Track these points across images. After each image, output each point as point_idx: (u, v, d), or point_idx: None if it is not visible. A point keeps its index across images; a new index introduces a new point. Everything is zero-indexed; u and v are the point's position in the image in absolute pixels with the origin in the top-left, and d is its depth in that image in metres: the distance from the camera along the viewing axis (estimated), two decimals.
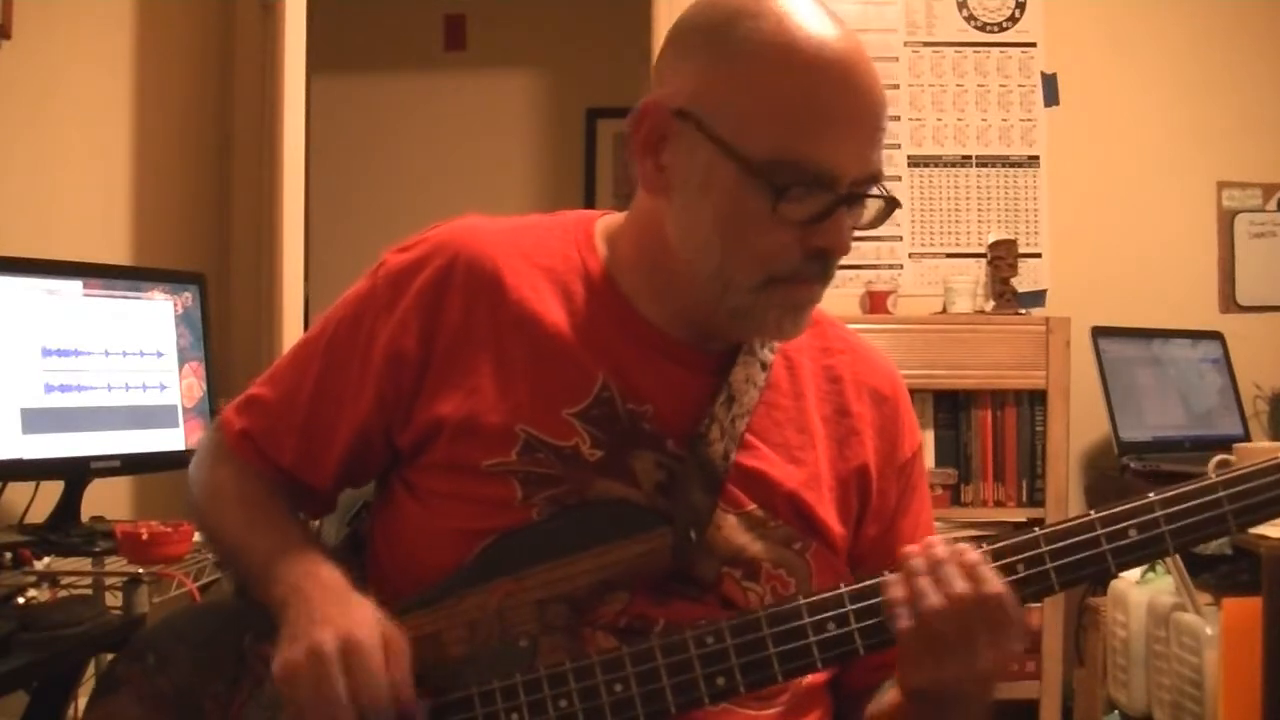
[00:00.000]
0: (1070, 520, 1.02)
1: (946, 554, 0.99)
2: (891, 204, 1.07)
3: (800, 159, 0.99)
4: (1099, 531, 1.00)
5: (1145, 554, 1.01)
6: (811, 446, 1.14)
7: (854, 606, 1.01)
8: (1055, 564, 1.00)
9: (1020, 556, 1.01)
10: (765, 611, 1.02)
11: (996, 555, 1.00)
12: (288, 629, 1.02)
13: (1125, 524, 1.00)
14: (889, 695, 1.14)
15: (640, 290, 1.11)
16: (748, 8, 1.02)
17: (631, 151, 1.07)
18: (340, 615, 1.01)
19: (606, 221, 1.17)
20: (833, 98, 1.00)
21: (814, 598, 1.02)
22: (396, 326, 1.10)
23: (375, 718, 0.97)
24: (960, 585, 0.96)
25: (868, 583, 1.02)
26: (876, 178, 1.05)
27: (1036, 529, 1.02)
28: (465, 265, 1.11)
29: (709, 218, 1.03)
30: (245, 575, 1.12)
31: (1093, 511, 1.01)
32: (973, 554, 0.99)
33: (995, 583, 0.97)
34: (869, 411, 1.18)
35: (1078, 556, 1.00)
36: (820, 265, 1.03)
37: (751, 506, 1.09)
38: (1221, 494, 1.00)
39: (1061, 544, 1.00)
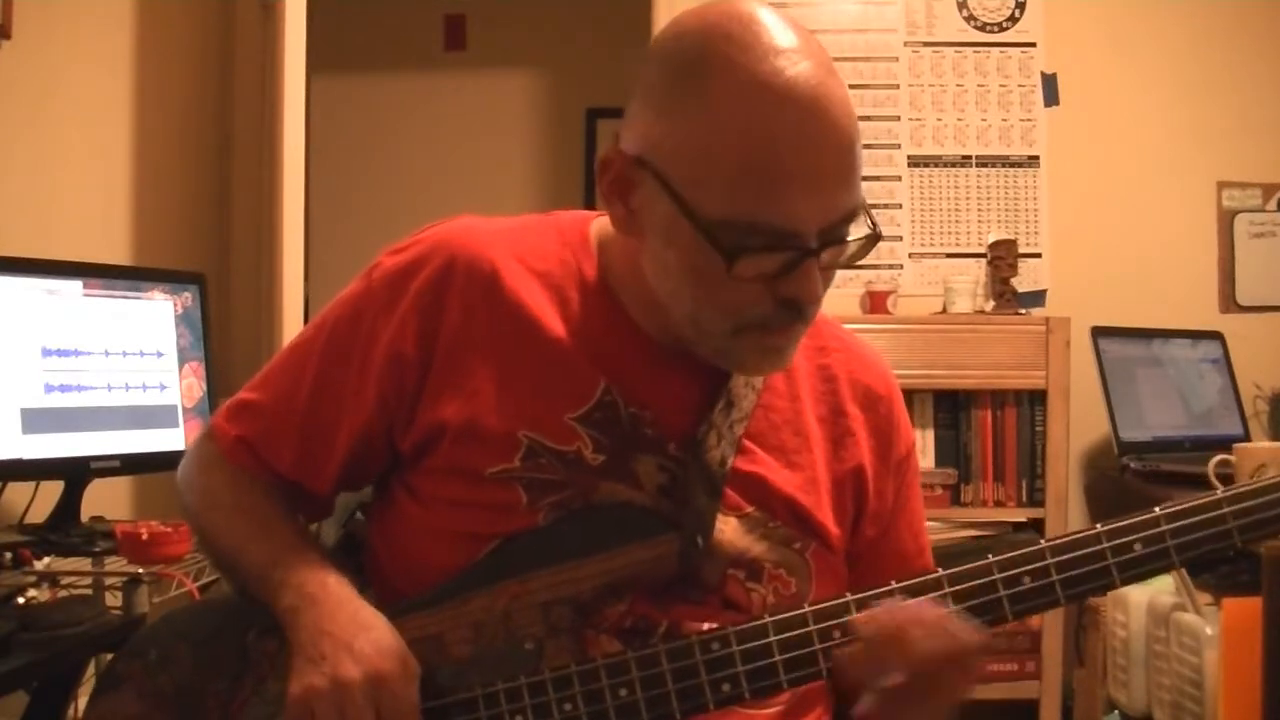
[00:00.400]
0: (1076, 533, 1.02)
1: (905, 618, 0.98)
2: (872, 239, 1.03)
3: (755, 220, 0.95)
4: (1105, 545, 1.01)
5: (1151, 568, 1.02)
6: (808, 449, 1.14)
7: (860, 615, 1.01)
8: (1061, 576, 1.01)
9: (1026, 568, 1.01)
10: (771, 618, 1.02)
11: (1001, 567, 1.01)
12: (303, 648, 1.02)
13: (1131, 538, 1.01)
14: None
15: (634, 298, 1.11)
16: (705, 51, 0.97)
17: (601, 196, 1.05)
18: (362, 641, 1.00)
19: (601, 224, 1.16)
20: (787, 154, 0.94)
21: (819, 605, 1.02)
22: (396, 328, 1.10)
23: None
24: (928, 646, 0.97)
25: (872, 592, 1.02)
26: (850, 217, 0.99)
27: (1042, 540, 1.03)
28: (464, 266, 1.10)
29: (675, 269, 1.01)
30: (246, 581, 1.12)
31: (1099, 525, 1.02)
32: (931, 610, 0.99)
33: (965, 633, 0.98)
34: (863, 412, 1.18)
35: (1083, 570, 1.01)
36: (793, 312, 1.01)
37: (750, 509, 1.09)
38: (1226, 510, 1.01)
39: (1067, 556, 1.01)
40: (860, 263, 1.10)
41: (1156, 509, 1.01)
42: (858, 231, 1.02)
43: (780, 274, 0.98)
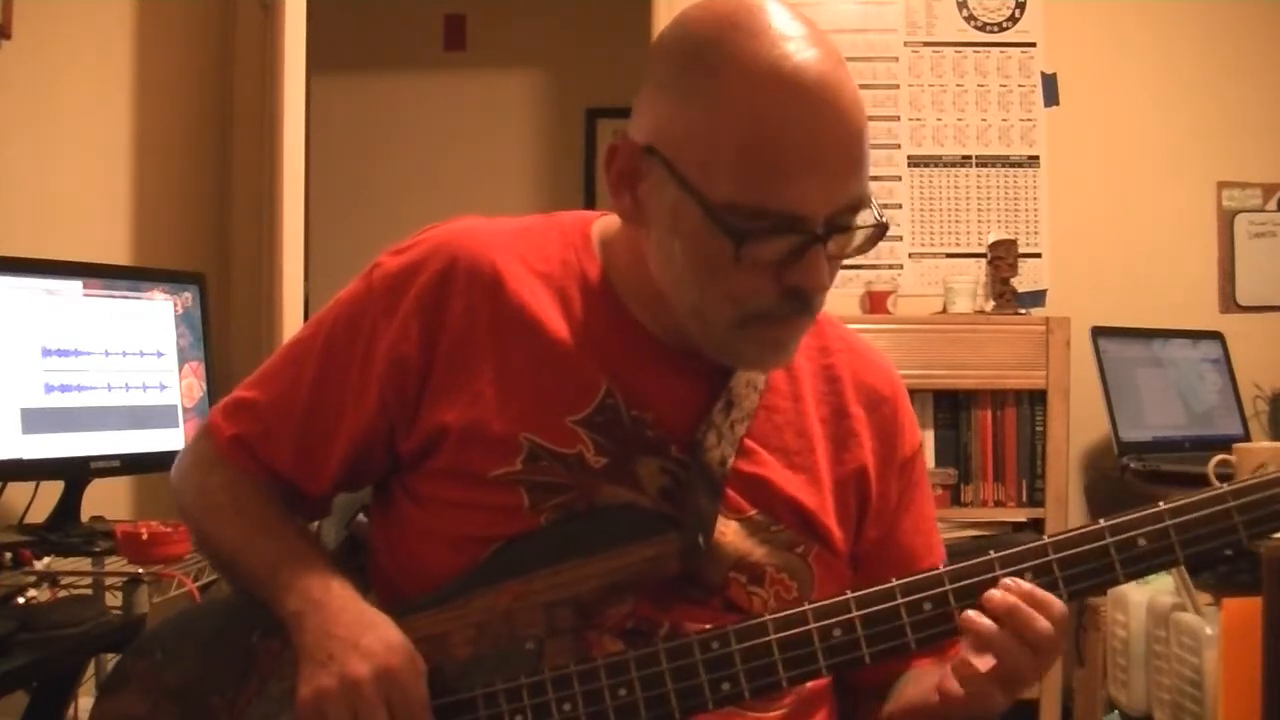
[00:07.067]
0: (1078, 529, 1.01)
1: (1019, 595, 0.98)
2: (880, 229, 1.03)
3: (761, 203, 0.95)
4: (1108, 540, 0.99)
5: (1155, 564, 1.00)
6: (811, 450, 1.13)
7: (860, 613, 1.00)
8: (1064, 574, 1.00)
9: (1028, 565, 1.00)
10: (771, 617, 1.02)
11: (1004, 564, 1.00)
12: (310, 652, 1.01)
13: (1134, 533, 0.99)
14: (906, 693, 1.14)
15: (637, 298, 1.10)
16: (714, 38, 0.97)
17: (608, 187, 1.05)
18: (369, 638, 1.00)
19: (603, 224, 1.15)
20: (794, 137, 0.94)
21: (819, 604, 1.02)
22: (397, 331, 1.09)
23: None
24: (1041, 625, 0.97)
25: (873, 589, 1.01)
26: (857, 206, 0.99)
27: (1045, 537, 1.01)
28: (466, 268, 1.09)
29: (680, 257, 1.01)
30: (248, 584, 1.11)
31: (1102, 520, 1.00)
32: (1043, 593, 0.98)
33: (1058, 604, 0.98)
34: (867, 412, 1.17)
35: (1086, 566, 1.00)
36: (798, 302, 1.00)
37: (753, 512, 1.09)
38: (1231, 504, 0.99)
39: (1070, 553, 1.00)
40: (860, 262, 1.10)
41: (1161, 503, 1.00)
42: (863, 227, 1.02)
43: (786, 260, 0.98)
